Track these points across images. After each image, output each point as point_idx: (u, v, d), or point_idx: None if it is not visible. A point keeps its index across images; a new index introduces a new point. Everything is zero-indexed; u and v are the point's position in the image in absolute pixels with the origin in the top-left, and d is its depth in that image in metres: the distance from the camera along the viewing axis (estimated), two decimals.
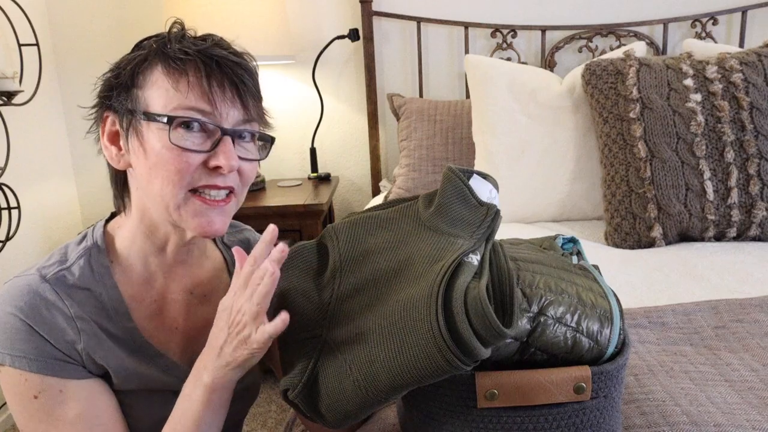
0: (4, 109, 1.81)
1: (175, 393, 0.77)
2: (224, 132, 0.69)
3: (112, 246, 0.77)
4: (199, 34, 0.75)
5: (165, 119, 0.68)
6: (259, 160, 0.76)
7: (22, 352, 0.67)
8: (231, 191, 0.72)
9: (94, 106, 0.75)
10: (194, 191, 0.70)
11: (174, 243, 0.76)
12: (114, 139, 0.73)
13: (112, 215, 0.81)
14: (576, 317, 0.62)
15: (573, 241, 0.79)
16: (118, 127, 0.73)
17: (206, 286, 0.83)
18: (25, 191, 1.95)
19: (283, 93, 2.24)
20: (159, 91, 0.69)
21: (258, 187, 2.10)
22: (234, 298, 0.66)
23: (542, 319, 0.61)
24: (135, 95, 0.70)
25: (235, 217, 0.96)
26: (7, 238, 1.79)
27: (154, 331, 0.78)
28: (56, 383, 0.68)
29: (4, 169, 1.79)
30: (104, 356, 0.72)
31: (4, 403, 1.88)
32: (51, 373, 0.68)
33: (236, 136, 0.71)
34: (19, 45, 1.89)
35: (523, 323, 0.60)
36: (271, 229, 0.65)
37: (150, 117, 0.68)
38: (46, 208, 2.11)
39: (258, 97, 0.74)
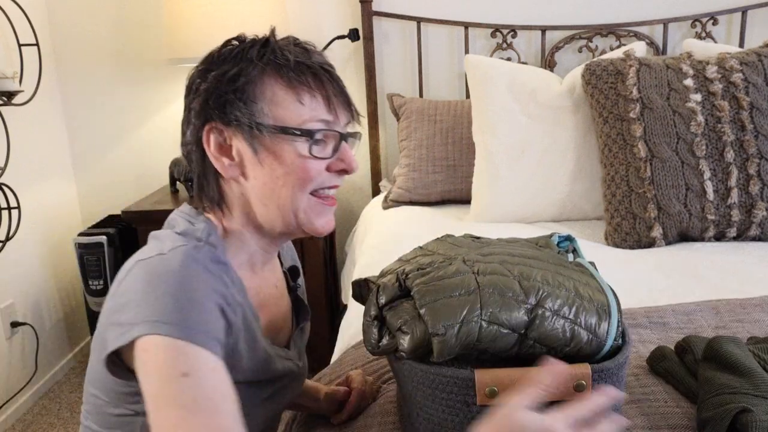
0: (4, 109, 1.81)
1: (253, 383, 0.75)
2: (343, 137, 0.75)
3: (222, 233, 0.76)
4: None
5: (302, 133, 0.72)
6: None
7: (183, 321, 0.61)
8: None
9: (196, 116, 0.73)
10: (312, 193, 0.75)
11: (273, 240, 0.79)
12: (223, 150, 0.73)
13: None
14: (574, 310, 0.62)
15: (569, 239, 0.80)
16: (230, 139, 0.73)
17: (280, 281, 0.87)
18: (25, 191, 1.95)
19: None
20: (284, 104, 0.72)
21: None
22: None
23: (540, 312, 0.61)
24: (256, 109, 0.71)
25: None
26: (7, 238, 1.79)
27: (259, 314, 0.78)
28: (211, 359, 0.62)
29: (4, 169, 1.79)
30: (246, 327, 0.71)
31: (4, 404, 1.88)
32: (208, 346, 0.62)
33: (349, 138, 0.77)
34: (19, 45, 1.89)
35: (520, 315, 0.60)
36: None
37: (287, 131, 0.71)
38: (46, 208, 2.11)
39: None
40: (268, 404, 0.79)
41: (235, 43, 0.75)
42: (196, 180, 0.77)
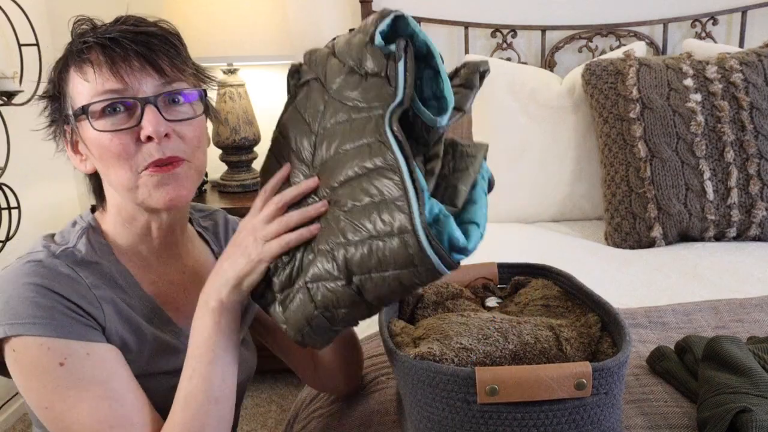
0: (4, 109, 1.81)
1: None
2: (145, 102, 0.70)
3: (103, 231, 0.79)
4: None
5: (80, 111, 0.70)
6: (197, 117, 0.75)
7: (45, 318, 0.66)
8: (178, 160, 0.73)
9: (49, 125, 0.77)
10: (147, 168, 0.72)
11: (156, 228, 0.78)
12: (75, 147, 0.76)
13: (93, 207, 0.83)
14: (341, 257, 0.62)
15: (398, 19, 0.65)
16: (73, 135, 0.75)
17: (196, 266, 0.86)
18: (25, 191, 1.95)
19: (283, 93, 2.24)
20: (76, 89, 0.71)
21: (258, 187, 2.10)
22: (248, 218, 0.71)
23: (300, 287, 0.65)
24: (64, 103, 0.73)
25: (235, 215, 0.98)
26: (7, 238, 1.79)
27: (162, 304, 0.80)
28: (82, 347, 0.67)
29: (4, 169, 1.79)
30: (123, 322, 0.73)
31: (5, 403, 1.88)
32: (77, 337, 0.67)
33: (161, 101, 0.71)
34: (19, 45, 1.89)
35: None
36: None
37: (75, 115, 0.71)
38: (46, 208, 2.11)
39: (177, 58, 0.73)
40: None
41: None
42: (89, 186, 0.80)
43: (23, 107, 1.89)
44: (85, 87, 0.70)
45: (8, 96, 1.77)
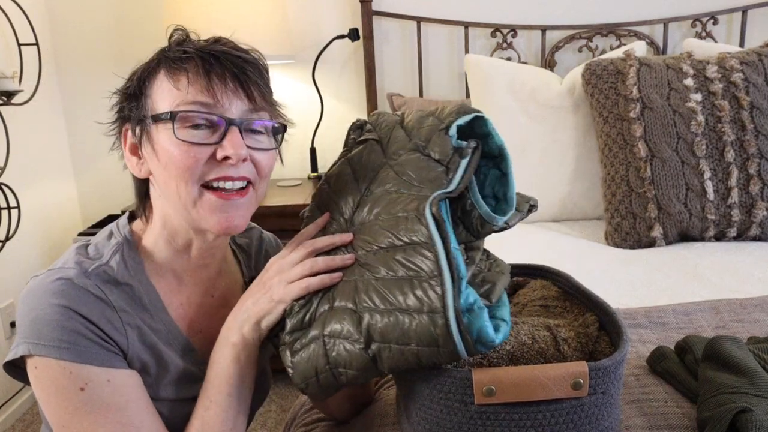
0: (4, 109, 1.81)
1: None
2: (230, 122, 0.70)
3: (140, 245, 0.78)
4: (201, 34, 0.76)
5: (168, 116, 0.69)
6: (273, 149, 0.76)
7: (69, 343, 0.66)
8: (248, 182, 0.73)
9: (114, 122, 0.77)
10: (208, 186, 0.71)
11: (197, 247, 0.77)
12: (134, 149, 0.75)
13: (131, 214, 0.82)
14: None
15: (476, 119, 0.67)
16: (136, 137, 0.74)
17: (225, 290, 0.85)
18: (24, 191, 1.95)
19: (282, 93, 2.24)
20: (162, 93, 0.71)
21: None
22: (277, 257, 0.74)
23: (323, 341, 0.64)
24: (143, 103, 0.72)
25: None
26: (7, 238, 1.79)
27: (185, 329, 0.79)
28: (103, 373, 0.68)
29: (3, 169, 1.79)
30: (147, 348, 0.73)
31: (4, 403, 1.88)
32: (98, 363, 0.67)
33: (245, 127, 0.72)
34: (19, 45, 1.89)
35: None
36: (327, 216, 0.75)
37: (156, 118, 0.70)
38: (46, 208, 2.11)
39: (265, 89, 0.74)
40: None
41: None
42: (135, 192, 0.79)
43: (23, 107, 1.90)
44: (173, 94, 0.69)
45: (8, 96, 1.77)
